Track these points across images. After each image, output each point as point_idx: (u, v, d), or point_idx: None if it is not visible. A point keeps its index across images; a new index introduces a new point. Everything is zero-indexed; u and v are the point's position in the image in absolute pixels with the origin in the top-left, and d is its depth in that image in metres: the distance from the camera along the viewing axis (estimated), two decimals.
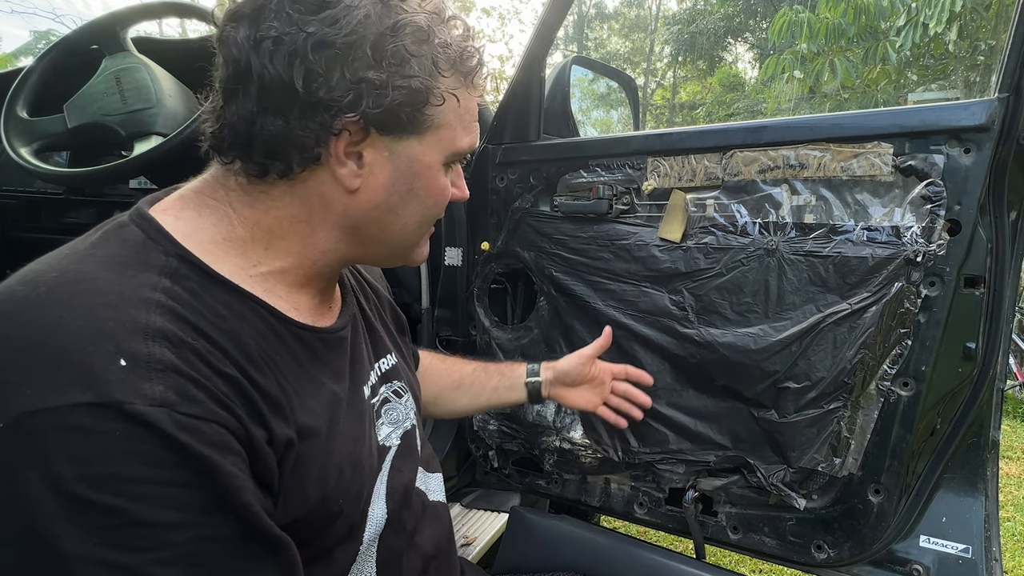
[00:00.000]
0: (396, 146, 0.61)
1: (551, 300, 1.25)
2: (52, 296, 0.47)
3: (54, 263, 0.52)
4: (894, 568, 1.00)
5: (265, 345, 0.56)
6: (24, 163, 1.14)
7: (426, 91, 0.59)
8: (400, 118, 0.59)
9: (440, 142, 0.63)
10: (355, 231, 0.64)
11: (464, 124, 0.65)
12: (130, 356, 0.45)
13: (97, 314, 0.47)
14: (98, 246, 0.54)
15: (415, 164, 0.62)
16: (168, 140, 1.11)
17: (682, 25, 17.15)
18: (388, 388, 0.78)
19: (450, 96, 0.61)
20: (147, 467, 0.44)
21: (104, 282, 0.49)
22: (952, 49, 7.35)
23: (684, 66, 20.07)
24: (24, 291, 0.48)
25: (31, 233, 1.51)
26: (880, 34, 7.79)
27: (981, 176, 0.88)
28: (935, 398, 0.94)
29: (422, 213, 0.66)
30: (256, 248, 0.60)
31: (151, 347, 0.47)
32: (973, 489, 0.97)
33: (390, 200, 0.63)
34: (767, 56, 9.72)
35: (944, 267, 0.90)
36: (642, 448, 1.16)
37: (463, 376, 1.08)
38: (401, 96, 0.57)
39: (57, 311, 0.46)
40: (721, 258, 1.06)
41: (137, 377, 0.45)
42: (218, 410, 0.48)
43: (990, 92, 0.90)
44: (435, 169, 0.64)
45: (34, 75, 1.21)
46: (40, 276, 0.50)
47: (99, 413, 0.43)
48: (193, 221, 0.58)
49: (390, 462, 0.73)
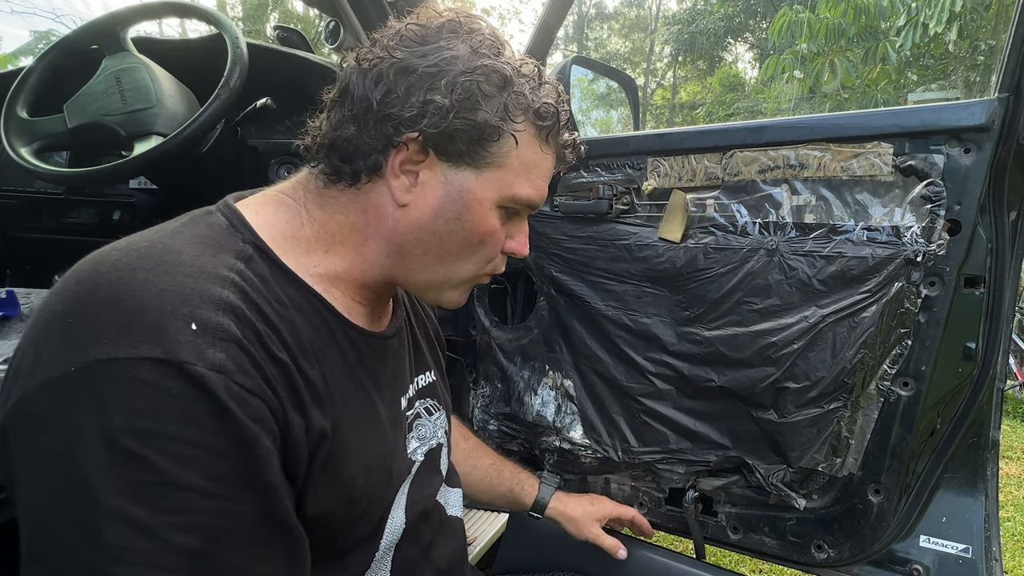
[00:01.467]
0: (451, 173, 0.64)
1: (551, 300, 1.25)
2: (141, 261, 0.52)
3: (147, 236, 0.56)
4: (894, 568, 1.00)
5: (316, 338, 0.60)
6: (24, 163, 1.14)
7: (490, 128, 0.62)
8: (458, 145, 0.62)
9: (497, 182, 0.65)
10: (401, 249, 0.66)
11: (528, 175, 0.66)
12: (201, 322, 0.49)
13: (179, 281, 0.51)
14: (187, 227, 0.59)
15: (466, 195, 0.64)
16: (168, 140, 1.11)
17: (682, 25, 17.16)
18: (422, 404, 0.80)
19: (519, 144, 0.64)
20: (191, 428, 0.46)
21: (188, 255, 0.54)
22: (952, 49, 7.35)
23: (684, 66, 20.07)
24: (117, 255, 0.52)
25: (31, 233, 1.51)
26: (880, 34, 7.79)
27: (981, 176, 0.88)
28: (935, 398, 0.94)
29: (467, 248, 0.67)
30: (318, 249, 0.64)
31: (221, 318, 0.50)
32: (973, 489, 0.97)
33: (436, 224, 0.64)
34: (767, 56, 9.72)
35: (944, 267, 0.90)
36: (642, 448, 1.16)
37: (477, 466, 1.08)
38: (462, 124, 0.61)
39: (143, 274, 0.50)
40: (721, 258, 1.06)
41: (204, 342, 0.48)
42: (265, 388, 0.51)
43: (990, 92, 0.90)
44: (486, 206, 0.65)
45: (34, 75, 1.21)
46: (133, 244, 0.54)
47: (162, 369, 0.46)
48: (270, 216, 0.63)
49: (412, 476, 0.74)
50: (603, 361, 1.18)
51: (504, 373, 1.31)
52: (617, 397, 1.18)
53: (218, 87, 1.12)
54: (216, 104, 1.11)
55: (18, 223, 1.51)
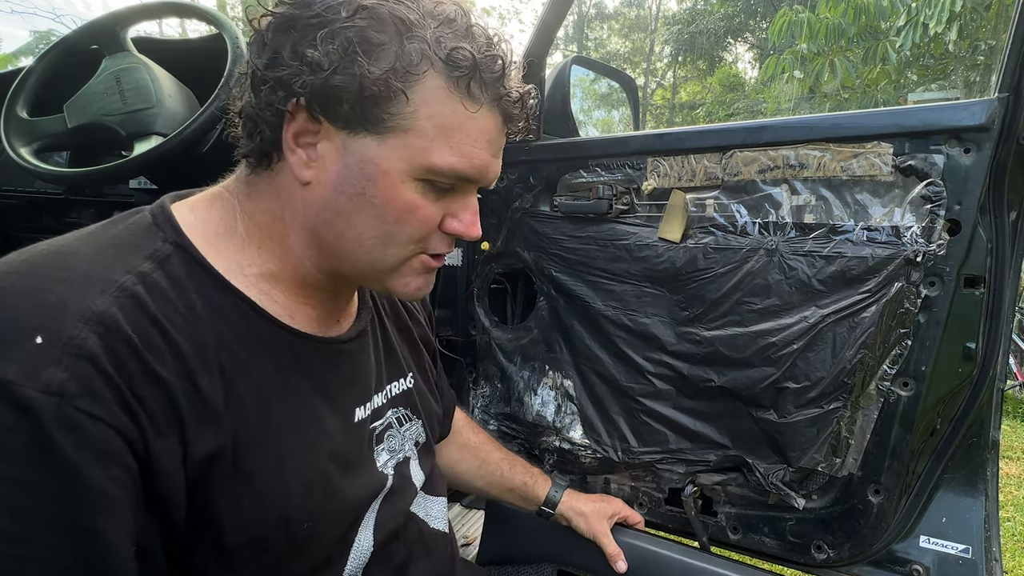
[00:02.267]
0: (350, 142, 0.56)
1: (551, 300, 1.25)
2: (22, 265, 0.48)
3: (61, 237, 0.52)
4: (894, 568, 0.99)
5: (236, 345, 0.54)
6: (24, 163, 1.14)
7: (379, 83, 0.53)
8: (343, 107, 0.54)
9: (404, 149, 0.55)
10: (316, 236, 0.59)
11: (448, 139, 0.56)
12: (51, 335, 0.43)
13: (45, 287, 0.46)
14: (105, 227, 0.55)
15: (367, 166, 0.56)
16: (168, 140, 1.11)
17: (682, 25, 17.15)
18: (394, 414, 0.74)
19: (429, 101, 0.55)
20: (4, 460, 0.41)
21: (76, 258, 0.49)
22: (952, 49, 7.35)
23: (684, 66, 20.06)
24: (13, 257, 0.49)
25: (31, 233, 1.51)
26: (880, 34, 7.79)
27: (981, 176, 0.88)
28: (935, 398, 0.94)
29: (380, 228, 0.58)
30: (251, 246, 0.59)
31: (78, 330, 0.44)
32: (973, 489, 0.97)
33: (339, 202, 0.57)
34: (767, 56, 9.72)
35: (944, 267, 0.90)
36: (642, 448, 1.16)
37: (488, 461, 1.06)
38: (343, 81, 0.53)
39: (15, 279, 0.46)
40: (721, 258, 1.06)
41: (44, 358, 0.43)
42: (119, 412, 0.45)
43: (990, 92, 0.90)
44: (394, 178, 0.56)
45: (34, 75, 1.21)
46: (40, 245, 0.50)
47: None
48: (203, 213, 0.59)
49: (385, 492, 0.69)
50: (603, 361, 1.18)
51: (504, 373, 1.31)
52: (617, 397, 1.18)
53: (218, 87, 1.12)
54: (216, 104, 1.11)
55: (18, 223, 1.51)
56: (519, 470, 1.07)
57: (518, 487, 1.05)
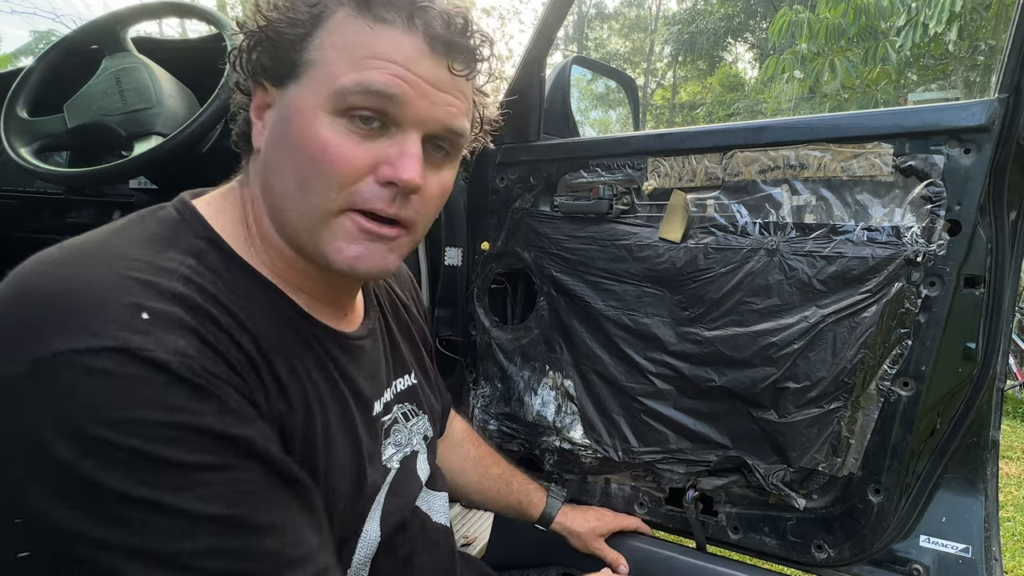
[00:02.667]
0: (281, 96, 0.56)
1: (551, 300, 1.25)
2: (86, 258, 0.49)
3: (92, 236, 0.53)
4: (894, 568, 0.99)
5: (283, 332, 0.56)
6: (24, 163, 1.14)
7: (289, 26, 0.54)
8: (266, 63, 0.56)
9: (315, 82, 0.54)
10: (267, 205, 0.59)
11: (351, 59, 0.53)
12: (152, 312, 0.46)
13: (126, 275, 0.48)
14: (133, 224, 0.55)
15: (287, 110, 0.55)
16: (168, 140, 1.11)
17: (682, 25, 17.15)
18: (399, 409, 0.75)
19: (333, 30, 0.54)
20: (167, 412, 0.44)
21: (135, 252, 0.50)
22: (952, 49, 7.35)
23: (684, 66, 20.07)
24: (59, 254, 0.49)
25: (31, 233, 1.51)
26: (880, 34, 7.79)
27: (981, 176, 0.88)
28: (935, 398, 0.94)
29: (297, 170, 0.55)
30: (256, 239, 0.60)
31: (172, 308, 0.47)
32: (973, 489, 0.97)
33: (269, 155, 0.57)
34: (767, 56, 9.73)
35: (944, 267, 0.90)
36: (642, 448, 1.16)
37: (487, 475, 1.07)
38: (257, 38, 0.55)
39: (87, 270, 0.48)
40: (721, 258, 1.06)
41: (159, 329, 0.45)
42: (233, 375, 0.49)
43: (990, 92, 0.90)
44: (308, 115, 0.54)
45: (34, 75, 1.21)
46: (77, 244, 0.51)
47: (119, 357, 0.43)
48: (219, 203, 0.60)
49: (388, 484, 0.70)
50: (603, 361, 1.18)
51: (504, 373, 1.31)
52: (617, 397, 1.18)
53: (218, 87, 1.12)
54: (216, 104, 1.11)
55: (18, 223, 1.51)
56: (515, 487, 1.09)
57: (514, 505, 1.08)
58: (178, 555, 0.43)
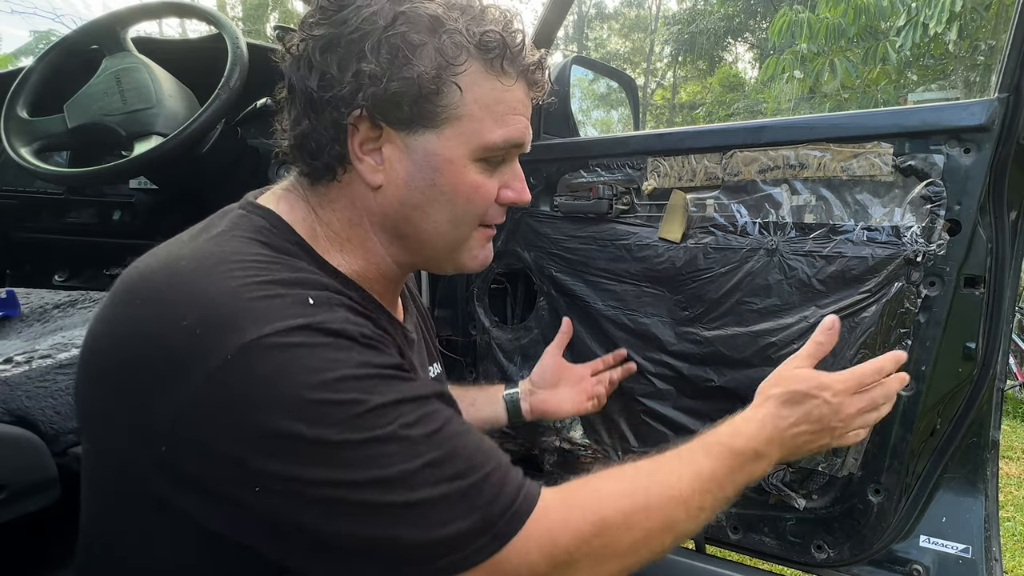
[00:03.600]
0: (412, 141, 0.61)
1: (551, 300, 1.25)
2: (221, 264, 0.53)
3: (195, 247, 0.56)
4: (894, 568, 0.99)
5: (381, 327, 0.61)
6: (24, 163, 1.14)
7: (432, 81, 0.58)
8: (404, 109, 0.59)
9: (462, 135, 0.61)
10: (396, 232, 0.65)
11: (494, 116, 0.62)
12: (315, 297, 0.53)
13: (269, 269, 0.53)
14: (234, 230, 0.58)
15: (433, 159, 0.61)
16: (168, 140, 1.11)
17: (682, 25, 17.15)
18: None
19: (471, 87, 0.60)
20: (361, 367, 0.51)
21: (259, 257, 0.55)
22: (952, 49, 7.35)
23: (684, 66, 20.07)
24: (190, 265, 0.53)
25: (31, 233, 1.51)
26: (880, 34, 7.79)
27: (981, 176, 0.88)
28: (935, 398, 0.94)
29: (451, 212, 0.64)
30: (333, 248, 0.63)
31: (324, 292, 0.54)
32: (973, 489, 0.97)
33: (413, 196, 0.62)
34: (767, 56, 9.73)
35: (944, 267, 0.90)
36: (642, 448, 1.16)
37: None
38: (400, 86, 0.57)
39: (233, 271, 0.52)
40: (721, 258, 1.06)
41: (326, 308, 0.52)
42: (386, 336, 0.57)
43: (990, 92, 0.90)
44: (459, 164, 0.62)
45: (34, 75, 1.21)
46: (195, 257, 0.54)
47: (311, 332, 0.50)
48: (289, 215, 0.62)
49: None
50: None
51: (504, 373, 1.31)
52: (617, 397, 1.18)
53: (218, 87, 1.12)
54: (216, 104, 1.11)
55: (18, 223, 1.51)
56: (472, 388, 1.10)
57: (475, 399, 1.07)
58: (411, 474, 0.50)
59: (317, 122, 0.60)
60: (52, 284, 1.49)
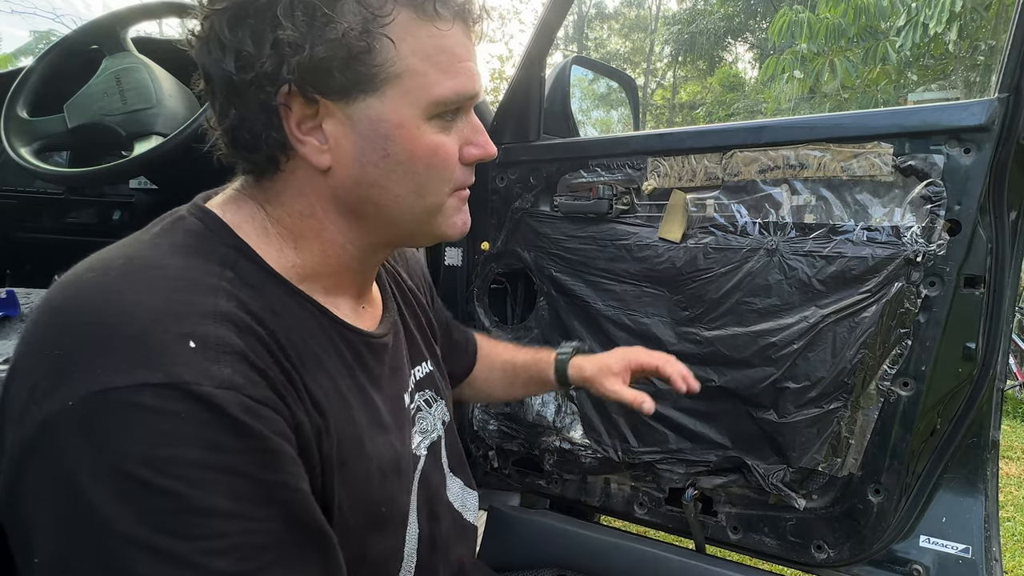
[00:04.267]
0: (352, 110, 0.54)
1: (551, 300, 1.25)
2: (123, 280, 0.47)
3: (121, 251, 0.51)
4: (894, 568, 0.99)
5: (313, 342, 0.56)
6: (24, 163, 1.14)
7: (360, 37, 0.51)
8: (335, 76, 0.52)
9: (407, 94, 0.54)
10: (356, 214, 0.59)
11: (440, 66, 0.55)
12: (199, 338, 0.45)
13: (169, 297, 0.47)
14: (161, 236, 0.54)
15: (380, 126, 0.54)
16: (168, 140, 1.11)
17: (682, 25, 17.15)
18: (421, 396, 0.75)
19: (404, 38, 0.53)
20: (208, 452, 0.43)
21: (173, 268, 0.49)
22: (952, 49, 7.35)
23: (684, 66, 20.07)
24: (94, 276, 0.48)
25: (31, 233, 1.51)
26: (880, 34, 7.79)
27: (981, 176, 0.88)
28: (935, 398, 0.94)
29: (413, 181, 0.57)
30: (286, 247, 0.58)
31: (219, 329, 0.47)
32: (973, 489, 0.97)
33: (367, 172, 0.56)
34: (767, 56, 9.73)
35: (944, 267, 0.90)
36: (642, 448, 1.16)
37: (494, 367, 1.04)
38: (325, 50, 0.50)
39: (131, 294, 0.46)
40: (721, 258, 1.06)
41: (206, 359, 0.45)
42: (274, 397, 0.48)
43: (990, 92, 0.90)
44: (410, 127, 0.55)
45: (34, 75, 1.21)
46: (108, 262, 0.49)
47: (167, 393, 0.43)
48: (236, 215, 0.57)
49: (419, 473, 0.70)
50: None
51: None
52: None
53: None
54: None
55: (18, 223, 1.51)
56: (521, 364, 1.03)
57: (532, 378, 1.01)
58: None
59: (244, 109, 0.53)
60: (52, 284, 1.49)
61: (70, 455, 0.42)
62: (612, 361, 0.97)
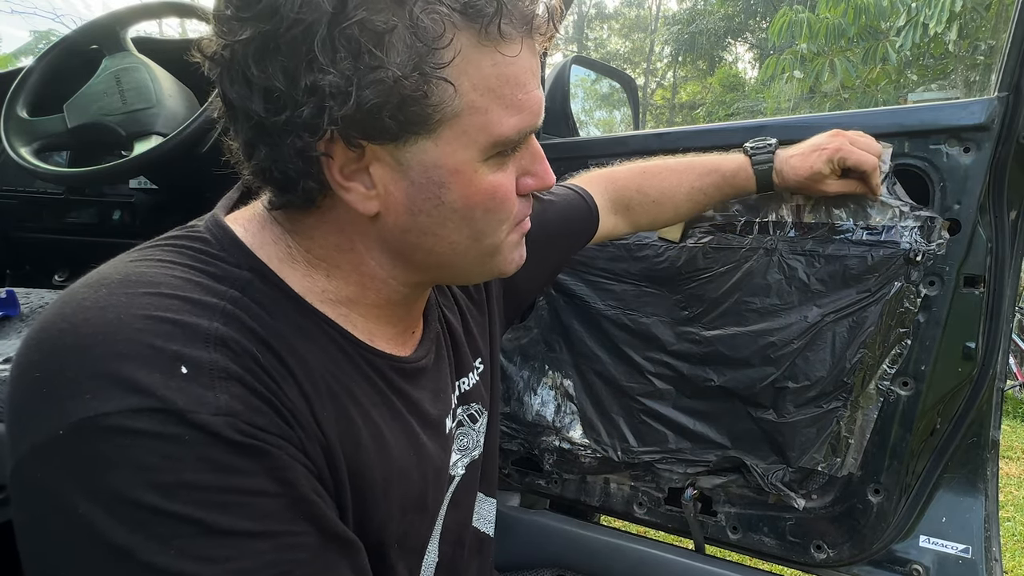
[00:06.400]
0: (403, 154, 0.48)
1: (551, 300, 1.25)
2: (111, 297, 0.43)
3: (119, 266, 0.47)
4: (894, 568, 0.99)
5: (337, 371, 0.51)
6: (24, 163, 1.14)
7: (412, 79, 0.44)
8: (385, 122, 0.45)
9: (465, 135, 0.48)
10: (402, 257, 0.53)
11: (503, 100, 0.48)
12: (192, 363, 0.41)
13: (157, 317, 0.42)
14: (169, 251, 0.49)
15: (434, 172, 0.48)
16: (168, 140, 1.11)
17: (682, 25, 17.17)
18: (464, 411, 0.70)
19: (465, 70, 0.46)
20: (217, 474, 0.40)
21: (168, 287, 0.45)
22: (952, 49, 7.35)
23: (684, 66, 20.08)
24: (85, 292, 0.44)
25: (31, 233, 1.51)
26: (880, 34, 7.80)
27: (981, 175, 0.88)
28: (935, 398, 0.94)
29: (470, 228, 0.52)
30: (317, 273, 0.53)
31: (213, 354, 0.42)
32: (973, 489, 0.97)
33: (419, 221, 0.50)
34: (767, 56, 9.73)
35: (944, 266, 0.90)
36: (641, 448, 1.16)
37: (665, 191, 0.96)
38: (374, 96, 0.44)
39: (114, 312, 0.42)
40: (720, 258, 1.06)
41: (199, 386, 0.41)
42: (283, 424, 0.45)
43: (990, 91, 0.90)
44: (467, 172, 0.49)
45: (34, 75, 1.21)
46: (104, 278, 0.45)
47: (162, 418, 0.39)
48: (259, 236, 0.52)
49: (450, 495, 0.66)
50: (602, 361, 1.18)
51: (504, 373, 1.31)
52: (616, 397, 1.18)
53: None
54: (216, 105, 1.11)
55: (18, 223, 1.51)
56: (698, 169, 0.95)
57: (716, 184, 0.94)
58: None
59: (276, 152, 0.47)
60: (52, 284, 1.49)
61: (68, 488, 0.39)
62: (821, 164, 0.89)
